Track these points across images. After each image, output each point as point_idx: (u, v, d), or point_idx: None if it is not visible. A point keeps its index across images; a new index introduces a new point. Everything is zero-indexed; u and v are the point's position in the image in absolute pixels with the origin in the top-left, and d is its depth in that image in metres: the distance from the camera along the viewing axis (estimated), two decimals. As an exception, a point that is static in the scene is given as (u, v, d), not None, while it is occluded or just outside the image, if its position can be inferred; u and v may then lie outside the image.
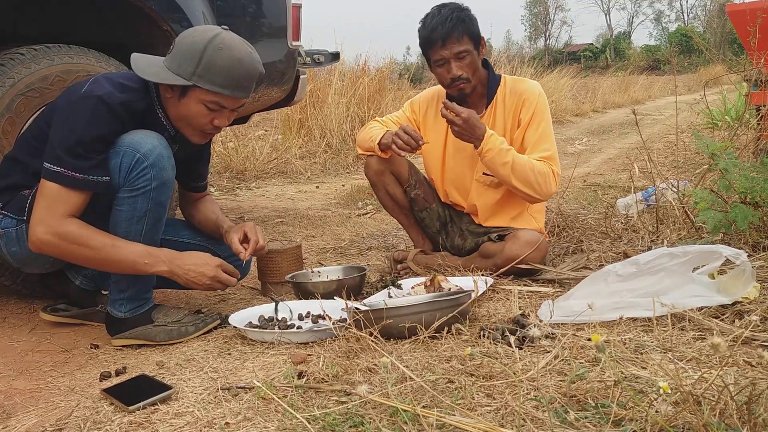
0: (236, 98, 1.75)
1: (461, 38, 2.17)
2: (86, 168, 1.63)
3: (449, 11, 2.20)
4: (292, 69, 3.13)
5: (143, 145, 1.67)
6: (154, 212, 1.72)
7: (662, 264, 1.73)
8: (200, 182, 2.12)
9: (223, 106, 1.75)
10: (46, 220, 1.64)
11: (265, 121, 7.20)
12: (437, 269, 2.34)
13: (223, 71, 1.69)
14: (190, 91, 1.72)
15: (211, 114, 1.75)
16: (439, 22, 2.18)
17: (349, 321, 1.64)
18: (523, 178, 2.14)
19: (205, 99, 1.72)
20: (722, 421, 1.04)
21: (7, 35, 2.55)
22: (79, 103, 1.65)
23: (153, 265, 1.72)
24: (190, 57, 1.68)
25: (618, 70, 22.96)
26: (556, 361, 1.42)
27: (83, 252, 1.67)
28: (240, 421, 1.28)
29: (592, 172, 5.05)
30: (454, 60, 2.19)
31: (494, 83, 2.33)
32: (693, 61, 25.25)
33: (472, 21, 2.22)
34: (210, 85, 1.70)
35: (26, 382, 1.62)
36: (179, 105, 1.75)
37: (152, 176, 1.68)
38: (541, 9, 58.55)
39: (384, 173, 2.43)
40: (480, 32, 2.24)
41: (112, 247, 1.69)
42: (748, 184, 2.03)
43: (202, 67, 1.68)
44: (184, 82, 1.69)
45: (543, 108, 2.27)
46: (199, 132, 1.80)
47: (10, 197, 1.78)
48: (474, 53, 2.22)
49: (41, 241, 1.65)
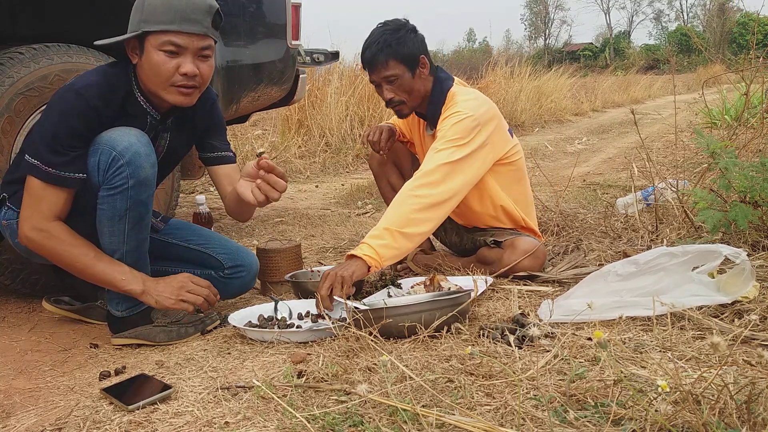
0: (188, 33, 1.65)
1: (387, 63, 2.12)
2: (59, 164, 1.63)
3: (380, 34, 2.14)
4: (291, 68, 3.13)
5: (120, 143, 1.65)
6: (135, 211, 1.71)
7: (662, 263, 1.73)
8: (212, 153, 2.00)
9: (179, 45, 1.65)
10: (32, 217, 1.68)
11: (264, 121, 7.20)
12: (437, 269, 2.34)
13: (164, 6, 1.64)
14: (145, 43, 1.67)
15: (171, 60, 1.67)
16: (367, 46, 2.15)
17: (349, 320, 1.64)
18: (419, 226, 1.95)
19: (158, 44, 1.65)
20: (722, 421, 1.04)
21: (7, 35, 2.55)
22: (59, 98, 1.66)
23: (129, 282, 1.75)
24: (136, 9, 1.67)
25: (617, 69, 22.95)
26: (556, 361, 1.42)
27: (64, 256, 1.71)
28: (239, 420, 1.28)
29: (592, 172, 5.05)
30: (384, 83, 2.16)
31: (439, 99, 2.19)
32: (692, 61, 25.24)
33: (403, 43, 2.12)
34: (156, 25, 1.63)
35: (26, 381, 1.62)
36: (143, 65, 1.69)
37: (128, 174, 1.66)
38: (541, 8, 58.53)
39: (386, 164, 2.49)
40: (418, 51, 2.14)
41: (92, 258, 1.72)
42: (748, 183, 2.03)
43: (145, 12, 1.65)
44: (133, 33, 1.66)
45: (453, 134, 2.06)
46: (171, 88, 1.70)
47: (15, 190, 1.80)
48: (406, 75, 2.14)
49: (27, 238, 1.69)
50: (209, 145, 2.01)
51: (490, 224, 2.32)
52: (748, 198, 2.05)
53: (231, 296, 2.13)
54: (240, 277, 2.06)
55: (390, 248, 1.91)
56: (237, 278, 2.06)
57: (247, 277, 2.08)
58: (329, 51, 3.55)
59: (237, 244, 2.15)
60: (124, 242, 1.73)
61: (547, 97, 10.59)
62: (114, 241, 1.73)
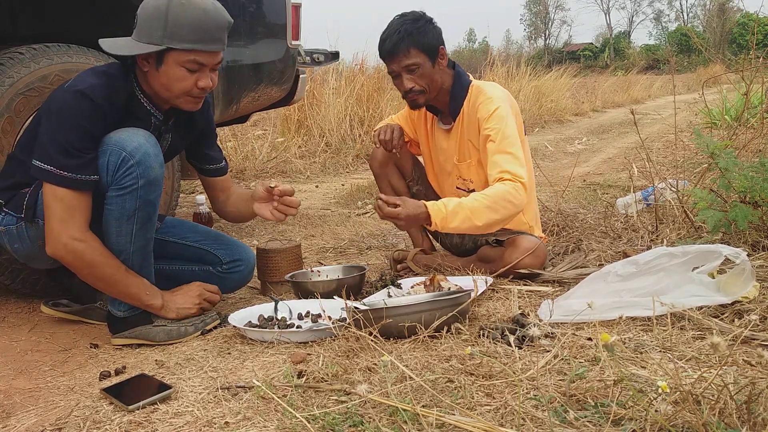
0: (212, 52, 1.70)
1: (408, 51, 2.13)
2: (74, 167, 1.63)
3: (400, 23, 2.16)
4: (291, 68, 3.13)
5: (129, 144, 1.66)
6: (143, 211, 1.71)
7: (662, 263, 1.73)
8: (211, 165, 2.07)
9: (201, 64, 1.70)
10: (68, 228, 1.65)
11: (264, 121, 7.20)
12: (437, 269, 2.34)
13: (193, 25, 1.65)
14: (166, 56, 1.68)
15: (192, 75, 1.71)
16: (387, 35, 2.16)
17: (349, 320, 1.64)
18: (487, 219, 2.00)
19: (182, 60, 1.68)
20: (722, 421, 1.04)
21: (7, 35, 2.55)
22: (62, 99, 1.65)
23: (152, 296, 1.80)
24: (156, 21, 1.65)
25: (617, 69, 22.95)
26: (556, 361, 1.42)
27: (100, 268, 1.70)
28: (239, 420, 1.28)
29: (592, 172, 5.05)
30: (404, 73, 2.17)
31: (461, 93, 2.24)
32: (692, 61, 25.24)
33: (424, 33, 2.14)
34: (182, 44, 1.65)
35: (26, 381, 1.62)
36: (159, 75, 1.71)
37: (138, 174, 1.67)
38: (541, 8, 58.53)
39: (388, 165, 2.46)
40: (437, 42, 2.17)
41: (124, 271, 1.74)
42: (748, 184, 2.03)
43: (170, 27, 1.64)
44: (156, 47, 1.65)
45: (499, 121, 2.13)
46: (186, 98, 1.75)
47: (11, 195, 1.79)
48: (426, 65, 2.16)
49: (66, 249, 1.66)
50: (207, 157, 2.06)
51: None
52: (748, 198, 2.05)
53: (230, 290, 2.16)
54: (239, 271, 2.09)
55: (451, 214, 1.98)
56: (236, 272, 2.09)
57: (245, 271, 2.11)
58: (329, 51, 3.55)
59: (233, 238, 2.18)
60: (131, 242, 1.73)
61: (546, 97, 10.59)
62: (121, 242, 1.73)
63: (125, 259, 1.74)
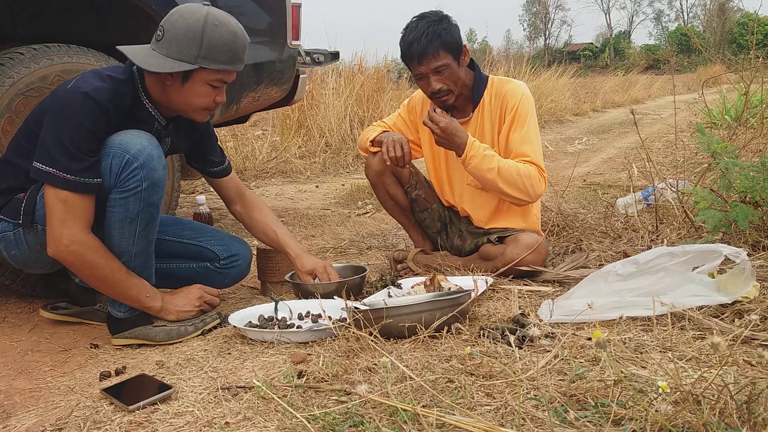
0: (236, 71, 1.79)
1: (437, 54, 2.13)
2: (77, 170, 1.62)
3: (426, 25, 2.15)
4: (291, 68, 3.13)
5: (133, 146, 1.66)
6: (147, 213, 1.72)
7: (662, 263, 1.73)
8: (214, 167, 2.11)
9: (225, 82, 1.78)
10: (70, 230, 1.65)
11: (264, 121, 7.20)
12: (437, 269, 2.34)
13: (225, 48, 1.71)
14: (195, 74, 1.72)
15: (214, 92, 1.77)
16: (415, 38, 2.14)
17: (349, 320, 1.64)
18: (510, 182, 2.10)
19: (211, 78, 1.74)
20: (722, 421, 1.04)
21: (7, 35, 2.55)
22: (66, 101, 1.64)
23: (152, 298, 1.80)
24: (190, 41, 1.68)
25: (617, 69, 22.95)
26: (556, 361, 1.42)
27: (102, 270, 1.70)
28: (240, 420, 1.28)
29: (592, 172, 5.05)
30: (432, 74, 2.16)
31: (481, 85, 2.28)
32: (692, 61, 25.24)
33: (450, 33, 2.15)
34: (216, 65, 1.71)
35: (26, 381, 1.61)
36: (183, 90, 1.74)
37: (142, 177, 1.67)
38: (540, 8, 58.51)
39: (384, 174, 2.42)
40: (460, 40, 2.19)
41: (125, 272, 1.74)
42: (748, 184, 2.03)
43: (204, 48, 1.68)
44: (190, 66, 1.69)
45: (526, 109, 2.21)
46: (203, 111, 1.81)
47: (5, 201, 1.78)
48: (453, 65, 2.17)
49: (67, 251, 1.66)
50: (210, 161, 2.10)
51: (506, 225, 2.32)
52: (748, 198, 2.05)
53: (228, 285, 2.16)
54: (237, 266, 2.10)
55: (484, 158, 2.10)
56: (234, 267, 2.10)
57: (243, 265, 2.12)
58: (329, 51, 3.55)
59: (229, 234, 2.19)
60: (133, 244, 1.73)
61: (546, 97, 10.59)
62: (123, 244, 1.72)
63: (127, 260, 1.74)
